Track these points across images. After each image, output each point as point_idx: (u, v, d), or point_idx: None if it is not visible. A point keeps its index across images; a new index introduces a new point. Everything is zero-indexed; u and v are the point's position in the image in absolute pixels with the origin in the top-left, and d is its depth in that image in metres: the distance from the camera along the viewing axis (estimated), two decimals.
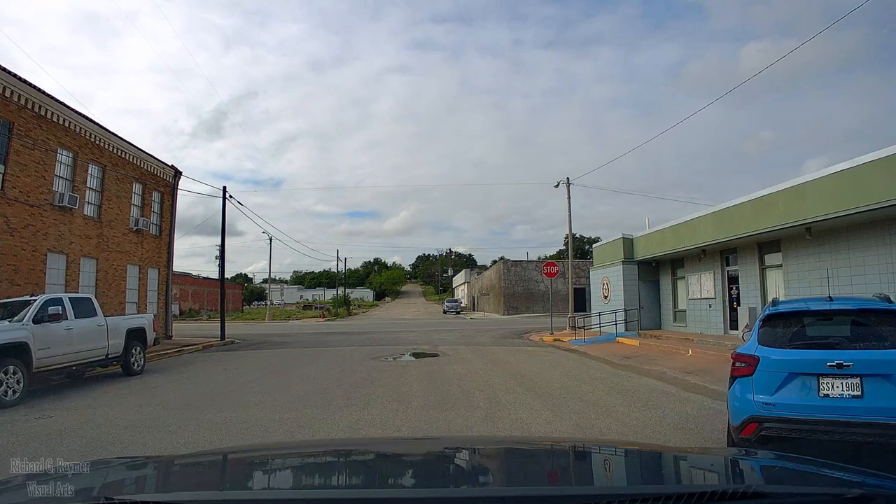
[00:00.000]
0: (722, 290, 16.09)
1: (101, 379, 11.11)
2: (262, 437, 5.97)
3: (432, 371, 11.53)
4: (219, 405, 7.95)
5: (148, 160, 21.34)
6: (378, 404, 7.78)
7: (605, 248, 22.43)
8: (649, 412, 7.12)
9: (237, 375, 11.50)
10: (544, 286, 47.81)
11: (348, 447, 2.73)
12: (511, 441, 3.61)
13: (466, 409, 7.46)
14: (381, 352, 15.69)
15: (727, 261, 16.17)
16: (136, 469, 1.86)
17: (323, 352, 16.14)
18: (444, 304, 60.19)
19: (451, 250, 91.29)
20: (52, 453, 5.22)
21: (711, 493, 1.14)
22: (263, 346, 18.89)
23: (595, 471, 1.91)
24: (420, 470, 1.89)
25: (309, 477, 1.84)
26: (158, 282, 22.71)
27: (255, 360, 14.49)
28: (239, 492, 1.52)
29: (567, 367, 12.08)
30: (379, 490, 1.46)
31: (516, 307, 46.32)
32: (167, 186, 23.14)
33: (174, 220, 23.93)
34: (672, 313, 18.89)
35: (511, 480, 1.73)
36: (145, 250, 21.35)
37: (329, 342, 20.06)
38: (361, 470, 1.90)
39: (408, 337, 22.16)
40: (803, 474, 1.60)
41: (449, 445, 2.50)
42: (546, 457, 2.10)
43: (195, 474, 1.85)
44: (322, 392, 9.05)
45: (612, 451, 2.28)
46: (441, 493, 1.38)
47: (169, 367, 13.14)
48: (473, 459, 2.00)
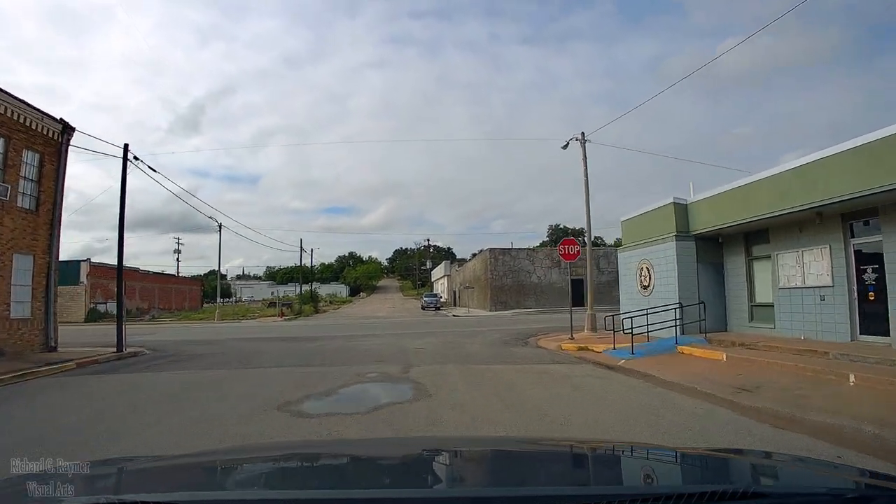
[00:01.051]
0: (846, 275, 10.52)
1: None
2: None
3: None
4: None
5: (17, 107, 14.93)
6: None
7: (643, 220, 16.46)
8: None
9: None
10: (537, 278, 42.18)
11: (349, 447, 2.86)
12: (512, 441, 3.57)
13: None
14: (318, 380, 9.54)
15: (851, 230, 10.62)
16: (136, 469, 1.87)
17: (221, 382, 9.80)
18: (422, 300, 54.19)
19: (428, 241, 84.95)
20: None
21: (711, 493, 1.13)
22: (155, 366, 12.68)
23: (595, 471, 1.87)
24: (415, 470, 1.87)
25: (309, 477, 1.82)
26: (34, 273, 16.28)
27: (78, 404, 8.34)
28: (239, 492, 1.55)
29: (658, 414, 6.26)
30: (379, 490, 1.47)
31: (505, 302, 40.61)
32: (50, 146, 16.64)
33: (61, 190, 17.40)
34: (747, 309, 13.27)
35: (511, 481, 1.67)
36: (8, 229, 14.97)
37: (258, 357, 13.92)
38: (358, 469, 1.91)
39: (372, 346, 16.17)
40: (802, 474, 1.66)
41: (448, 446, 2.49)
42: (546, 457, 2.06)
43: (195, 475, 1.82)
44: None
45: (612, 451, 2.31)
46: (440, 493, 1.43)
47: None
48: (473, 460, 1.99)
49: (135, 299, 50.13)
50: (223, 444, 5.23)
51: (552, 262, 42.68)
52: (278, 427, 6.06)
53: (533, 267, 41.97)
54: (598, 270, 45.46)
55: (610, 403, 7.21)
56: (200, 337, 22.01)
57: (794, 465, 1.72)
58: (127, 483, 1.66)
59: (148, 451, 4.78)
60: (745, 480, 1.59)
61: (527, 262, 42.01)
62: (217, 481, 1.74)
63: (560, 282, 42.69)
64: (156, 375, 10.92)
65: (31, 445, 5.30)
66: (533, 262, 42.16)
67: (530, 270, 41.90)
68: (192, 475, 1.80)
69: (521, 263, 41.85)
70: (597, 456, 2.07)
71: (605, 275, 44.86)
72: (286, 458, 2.15)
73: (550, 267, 42.46)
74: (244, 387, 8.99)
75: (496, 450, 2.25)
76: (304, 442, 4.71)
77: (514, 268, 41.60)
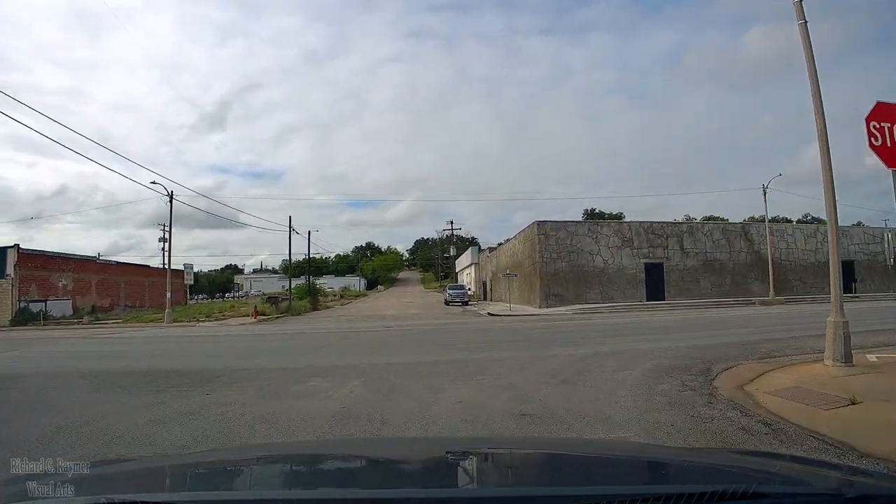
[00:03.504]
0: None
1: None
2: None
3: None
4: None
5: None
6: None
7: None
8: None
9: None
10: (602, 261, 30.90)
11: (349, 447, 2.88)
12: (511, 442, 3.56)
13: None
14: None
15: None
16: (136, 469, 1.88)
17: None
18: (445, 292, 43.28)
19: (452, 224, 73.17)
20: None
21: (711, 493, 1.13)
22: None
23: (594, 471, 1.80)
24: (420, 470, 1.86)
25: (310, 477, 1.81)
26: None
27: None
28: (240, 492, 1.55)
29: None
30: (378, 491, 1.45)
31: (560, 295, 29.42)
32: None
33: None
34: None
35: (511, 481, 1.71)
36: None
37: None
38: (361, 469, 1.90)
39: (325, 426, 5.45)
40: (803, 474, 1.63)
41: (449, 447, 2.47)
42: (546, 457, 2.07)
43: (196, 474, 1.81)
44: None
45: (612, 451, 2.33)
46: (440, 493, 1.40)
47: None
48: (473, 460, 1.93)
49: (89, 295, 40.58)
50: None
51: (622, 240, 31.36)
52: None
53: (597, 246, 30.68)
54: (682, 251, 34.04)
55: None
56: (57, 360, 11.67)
57: (795, 465, 1.72)
58: (127, 483, 1.64)
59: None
60: (746, 480, 1.49)
61: (588, 239, 30.68)
62: (217, 481, 1.72)
63: (632, 267, 31.38)
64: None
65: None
66: (596, 239, 30.83)
67: (593, 251, 30.59)
68: (193, 475, 1.80)
69: (581, 242, 30.53)
70: (597, 456, 2.05)
71: (691, 257, 33.44)
72: (287, 458, 2.13)
73: (620, 247, 31.15)
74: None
75: (496, 450, 2.24)
76: (307, 442, 4.35)
77: (570, 247, 30.31)
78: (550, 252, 29.97)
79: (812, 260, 35.98)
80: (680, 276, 32.75)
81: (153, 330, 23.51)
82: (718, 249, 34.03)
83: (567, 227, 31.07)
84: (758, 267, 33.90)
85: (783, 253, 35.73)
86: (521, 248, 34.37)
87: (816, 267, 35.34)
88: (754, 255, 34.83)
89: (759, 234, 34.91)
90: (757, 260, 34.21)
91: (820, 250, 36.41)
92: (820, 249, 36.50)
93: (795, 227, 39.94)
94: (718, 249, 34.03)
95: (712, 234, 34.43)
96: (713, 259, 33.66)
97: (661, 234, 32.75)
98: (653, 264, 31.99)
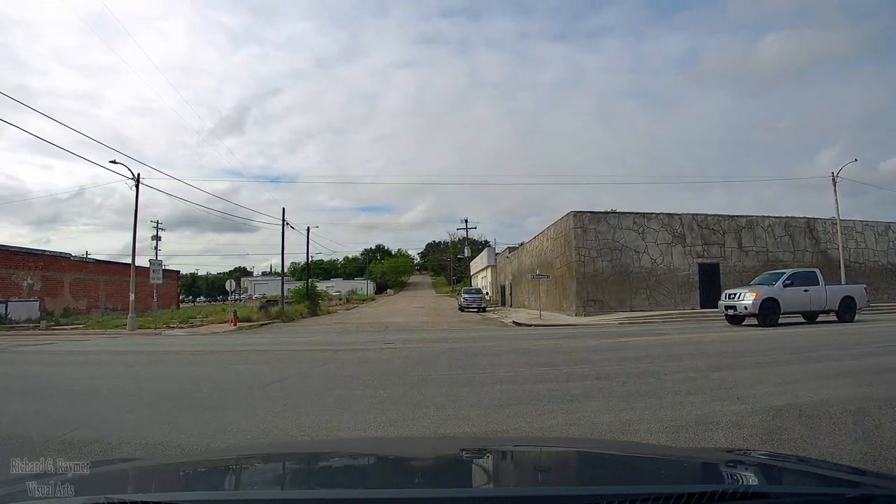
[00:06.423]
0: None
1: None
2: None
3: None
4: None
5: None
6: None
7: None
8: None
9: None
10: (649, 260, 25.82)
11: (349, 447, 2.77)
12: (510, 442, 3.55)
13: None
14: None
15: None
16: (136, 469, 1.84)
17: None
18: (460, 297, 38.31)
19: (466, 222, 67.44)
20: None
21: (711, 493, 1.11)
22: None
23: (594, 471, 1.79)
24: (420, 470, 1.82)
25: (310, 477, 1.76)
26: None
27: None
28: (240, 492, 1.51)
29: None
30: (380, 490, 1.42)
31: (600, 300, 24.36)
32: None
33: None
34: None
35: (510, 481, 1.69)
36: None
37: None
38: (361, 469, 1.87)
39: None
40: (803, 474, 1.61)
41: (451, 446, 2.47)
42: (545, 457, 2.02)
43: (196, 475, 1.77)
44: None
45: (612, 450, 2.30)
46: (440, 493, 1.36)
47: None
48: (474, 460, 1.91)
49: (62, 296, 36.26)
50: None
51: (672, 236, 26.23)
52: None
53: (644, 242, 25.55)
54: (740, 249, 28.73)
55: None
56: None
57: (795, 465, 1.69)
58: (127, 483, 1.62)
59: None
60: (746, 480, 1.48)
61: (633, 234, 25.55)
62: (218, 481, 1.70)
63: (684, 268, 26.21)
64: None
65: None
66: (643, 234, 25.71)
67: (639, 248, 25.46)
68: (193, 475, 1.77)
69: (626, 237, 25.40)
70: (596, 456, 2.03)
71: (750, 257, 28.19)
72: (287, 458, 2.11)
73: (670, 243, 26.02)
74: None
75: (496, 450, 2.17)
76: (307, 442, 4.28)
77: (612, 243, 25.20)
78: (589, 249, 24.87)
79: (884, 262, 30.75)
80: (738, 279, 27.34)
81: (99, 339, 18.78)
82: (781, 248, 28.85)
83: (608, 218, 25.88)
84: (825, 269, 28.59)
85: (852, 253, 30.46)
86: (550, 246, 29.28)
87: (889, 271, 30.07)
88: (821, 256, 29.60)
89: (826, 230, 29.72)
90: (824, 261, 28.82)
91: (892, 251, 31.20)
92: (892, 250, 31.28)
93: (865, 224, 34.33)
94: (781, 248, 28.85)
95: (774, 229, 29.15)
96: (775, 259, 28.38)
97: (716, 229, 27.53)
98: (708, 265, 26.78)
